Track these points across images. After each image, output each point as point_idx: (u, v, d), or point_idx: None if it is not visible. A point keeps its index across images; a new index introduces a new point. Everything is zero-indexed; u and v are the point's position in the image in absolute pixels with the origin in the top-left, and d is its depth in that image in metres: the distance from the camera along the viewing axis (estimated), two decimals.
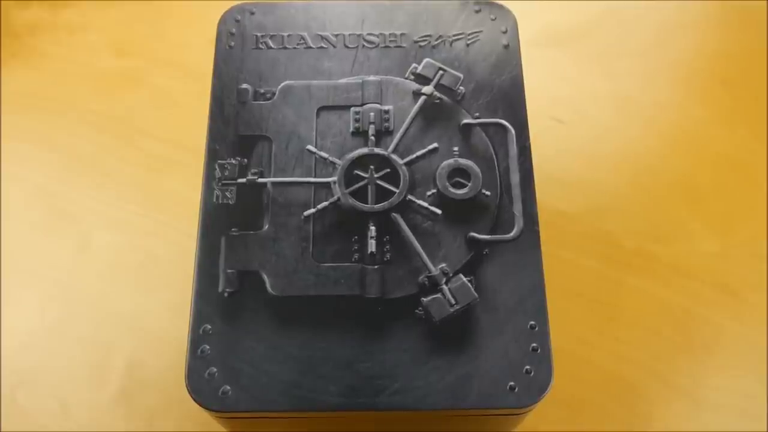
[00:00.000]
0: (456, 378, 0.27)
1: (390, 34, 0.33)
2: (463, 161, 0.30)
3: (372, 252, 0.29)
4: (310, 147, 0.31)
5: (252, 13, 0.34)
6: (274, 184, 0.30)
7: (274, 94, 0.32)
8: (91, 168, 0.45)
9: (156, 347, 0.40)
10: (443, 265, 0.29)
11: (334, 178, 0.30)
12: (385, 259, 0.29)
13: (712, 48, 0.50)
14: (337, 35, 0.33)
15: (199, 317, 0.28)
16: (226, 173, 0.30)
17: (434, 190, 0.30)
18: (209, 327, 0.28)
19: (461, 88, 0.32)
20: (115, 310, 0.41)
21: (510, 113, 0.31)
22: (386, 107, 0.32)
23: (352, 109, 0.32)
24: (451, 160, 0.30)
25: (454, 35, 0.33)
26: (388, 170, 0.30)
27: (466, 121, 0.31)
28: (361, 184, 0.30)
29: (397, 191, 0.30)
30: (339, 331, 0.28)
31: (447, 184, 0.30)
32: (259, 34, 0.33)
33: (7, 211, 0.44)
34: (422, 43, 0.33)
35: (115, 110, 0.47)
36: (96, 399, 0.39)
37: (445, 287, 0.28)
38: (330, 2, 0.34)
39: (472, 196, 0.30)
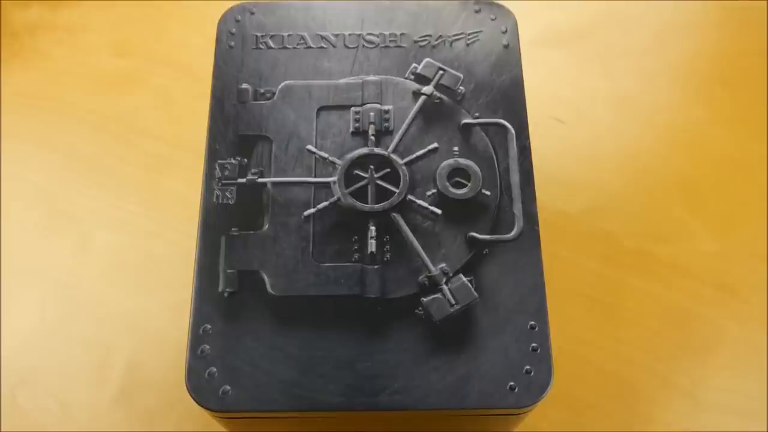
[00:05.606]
0: (456, 378, 0.27)
1: (390, 34, 0.33)
2: (463, 161, 0.30)
3: (372, 252, 0.29)
4: (310, 147, 0.31)
5: (252, 13, 0.34)
6: (274, 184, 0.30)
7: (274, 94, 0.32)
8: (91, 168, 0.45)
9: (156, 347, 0.40)
10: (443, 265, 0.29)
11: (334, 178, 0.30)
12: (385, 259, 0.29)
13: (712, 48, 0.50)
14: (337, 35, 0.33)
15: (199, 317, 0.28)
16: (226, 173, 0.30)
17: (434, 190, 0.30)
18: (209, 327, 0.28)
19: (461, 88, 0.32)
20: (115, 310, 0.41)
21: (510, 113, 0.31)
22: (386, 107, 0.32)
23: (352, 109, 0.32)
24: (451, 160, 0.30)
25: (454, 35, 0.33)
26: (388, 170, 0.30)
27: (466, 121, 0.31)
28: (361, 184, 0.30)
29: (397, 191, 0.30)
30: (339, 331, 0.28)
31: (447, 184, 0.30)
32: (259, 34, 0.33)
33: (7, 211, 0.44)
34: (422, 43, 0.33)
35: (115, 110, 0.47)
36: (96, 399, 0.39)
37: (445, 287, 0.28)
38: (330, 2, 0.34)
39: (472, 196, 0.30)
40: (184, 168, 0.44)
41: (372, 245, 0.29)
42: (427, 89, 0.32)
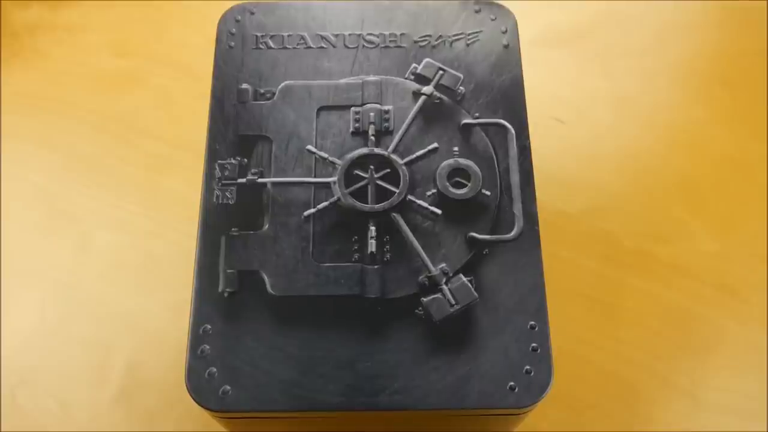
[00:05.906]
0: (456, 378, 0.27)
1: (390, 34, 0.33)
2: (463, 161, 0.30)
3: (372, 252, 0.29)
4: (310, 147, 0.31)
5: (252, 13, 0.34)
6: (274, 184, 0.30)
7: (274, 94, 0.32)
8: (91, 168, 0.45)
9: (156, 347, 0.40)
10: (443, 265, 0.29)
11: (334, 178, 0.30)
12: (385, 259, 0.29)
13: (712, 48, 0.50)
14: (337, 35, 0.33)
15: (199, 317, 0.28)
16: (226, 173, 0.30)
17: (434, 190, 0.30)
18: (209, 327, 0.28)
19: (461, 88, 0.32)
20: (115, 310, 0.41)
21: (510, 113, 0.31)
22: (386, 107, 0.32)
23: (352, 109, 0.32)
24: (451, 160, 0.30)
25: (454, 35, 0.33)
26: (388, 170, 0.30)
27: (466, 121, 0.31)
28: (361, 184, 0.30)
29: (397, 191, 0.30)
30: (339, 331, 0.28)
31: (447, 184, 0.30)
32: (259, 34, 0.33)
33: (7, 211, 0.44)
34: (422, 43, 0.33)
35: (115, 110, 0.47)
36: (96, 399, 0.39)
37: (445, 287, 0.28)
38: (330, 2, 0.34)
39: (472, 196, 0.30)
40: (184, 168, 0.44)
41: (372, 245, 0.29)
42: (427, 89, 0.32)
